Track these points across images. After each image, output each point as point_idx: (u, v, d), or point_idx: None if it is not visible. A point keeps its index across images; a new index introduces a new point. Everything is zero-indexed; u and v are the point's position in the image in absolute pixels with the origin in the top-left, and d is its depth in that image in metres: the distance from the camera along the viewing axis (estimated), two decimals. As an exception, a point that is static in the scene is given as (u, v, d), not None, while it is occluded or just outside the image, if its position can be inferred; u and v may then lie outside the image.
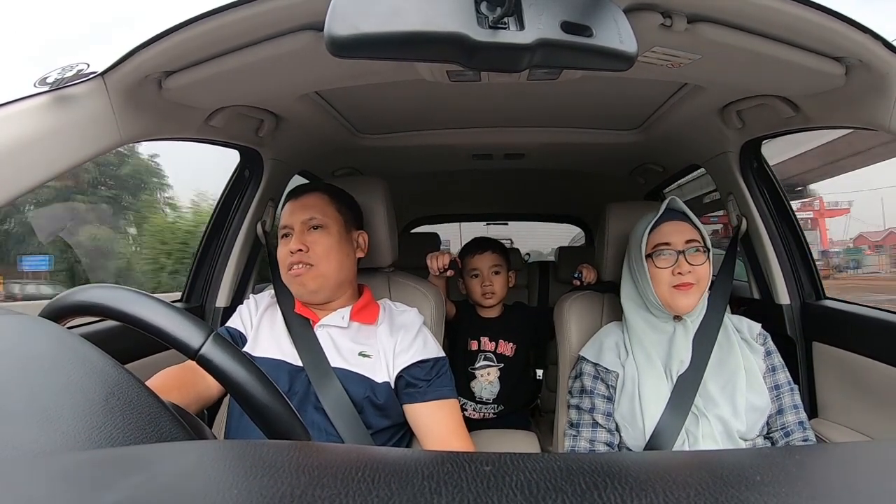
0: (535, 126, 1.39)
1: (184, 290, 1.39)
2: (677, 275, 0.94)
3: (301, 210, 0.99)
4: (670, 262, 0.95)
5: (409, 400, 0.92)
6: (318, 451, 0.27)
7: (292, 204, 1.02)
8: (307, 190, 1.04)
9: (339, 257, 0.98)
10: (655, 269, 0.96)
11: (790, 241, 1.30)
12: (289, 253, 0.96)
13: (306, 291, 0.97)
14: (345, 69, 0.84)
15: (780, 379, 0.96)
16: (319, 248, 0.96)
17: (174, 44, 0.71)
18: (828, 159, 13.00)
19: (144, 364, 1.04)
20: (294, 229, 0.98)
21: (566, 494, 0.20)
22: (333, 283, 0.98)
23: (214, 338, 0.40)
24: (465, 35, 0.42)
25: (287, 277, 0.98)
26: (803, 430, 0.94)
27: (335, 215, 1.01)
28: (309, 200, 1.00)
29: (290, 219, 1.00)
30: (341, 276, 0.99)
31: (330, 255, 0.97)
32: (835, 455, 0.28)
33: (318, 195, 1.02)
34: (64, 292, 0.43)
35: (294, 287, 0.98)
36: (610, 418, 0.98)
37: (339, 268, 0.99)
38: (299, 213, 0.99)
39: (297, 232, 0.97)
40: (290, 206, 1.02)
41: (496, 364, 1.53)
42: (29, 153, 0.68)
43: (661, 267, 0.95)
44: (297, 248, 0.95)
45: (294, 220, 0.99)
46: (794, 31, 0.71)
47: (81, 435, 0.27)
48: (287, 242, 0.98)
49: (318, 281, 0.96)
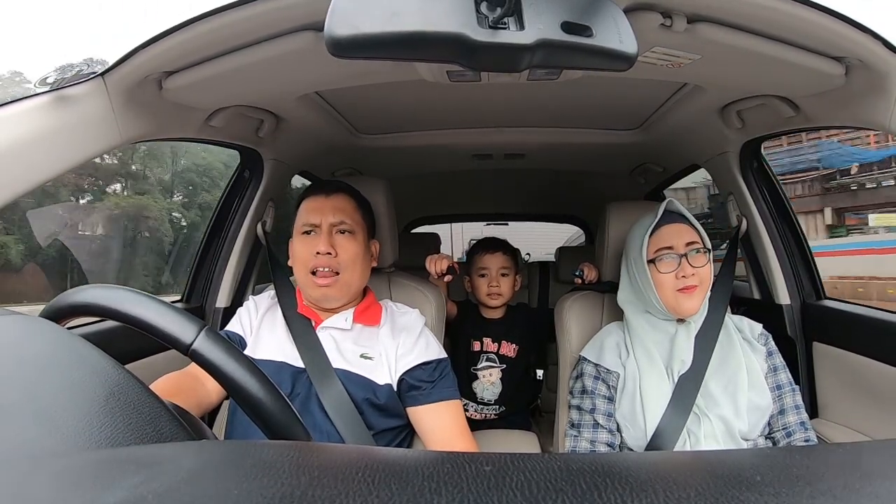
0: (535, 126, 1.39)
1: (184, 290, 1.39)
2: (681, 278, 0.93)
3: (332, 211, 0.94)
4: (673, 265, 0.94)
5: (413, 402, 0.91)
6: (318, 452, 0.27)
7: (320, 201, 0.95)
8: (336, 189, 0.98)
9: (362, 266, 0.96)
10: (658, 275, 0.95)
11: (790, 241, 1.30)
12: (313, 254, 0.91)
13: (325, 298, 0.94)
14: (345, 69, 0.84)
15: (782, 379, 0.96)
16: (346, 255, 0.93)
17: (174, 44, 0.71)
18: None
19: (144, 364, 1.04)
20: (322, 229, 0.93)
21: (566, 495, 0.20)
22: (354, 292, 0.97)
23: (207, 332, 0.40)
24: (465, 35, 0.42)
25: (306, 279, 0.93)
26: (805, 430, 0.94)
27: (361, 222, 0.98)
28: (339, 202, 0.95)
29: (317, 217, 0.93)
30: (361, 284, 0.98)
31: (356, 263, 0.94)
32: (835, 455, 0.28)
33: (346, 197, 0.97)
34: (63, 293, 0.43)
35: (313, 291, 0.94)
36: (611, 419, 0.98)
37: (361, 277, 0.97)
38: (329, 214, 0.94)
39: (324, 233, 0.92)
40: (318, 203, 0.95)
41: (498, 365, 1.53)
42: (29, 153, 0.68)
43: (663, 272, 0.95)
44: (326, 251, 0.91)
45: (323, 220, 0.93)
46: (794, 31, 0.71)
47: (81, 435, 0.27)
48: (309, 240, 0.93)
49: (342, 290, 0.94)
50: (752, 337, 1.00)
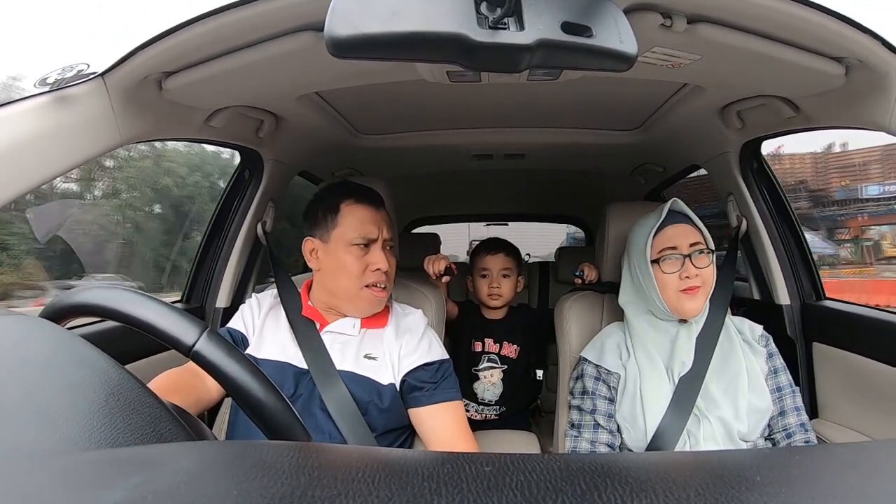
0: (535, 126, 1.39)
1: (184, 290, 1.39)
2: (684, 279, 0.93)
3: (387, 226, 0.98)
4: (677, 266, 0.94)
5: (415, 403, 0.91)
6: (319, 452, 0.27)
7: (372, 213, 0.96)
8: (381, 202, 1.01)
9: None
10: (662, 275, 0.95)
11: (790, 241, 1.30)
12: (374, 268, 0.94)
13: (373, 309, 0.97)
14: (345, 69, 0.84)
15: (782, 381, 0.96)
16: (392, 270, 0.98)
17: (174, 44, 0.71)
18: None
19: (144, 365, 1.04)
20: (377, 244, 0.96)
21: (566, 495, 0.20)
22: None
23: (208, 334, 0.40)
24: (464, 35, 0.42)
25: (361, 292, 0.94)
26: (805, 431, 0.94)
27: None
28: (386, 217, 1.00)
29: (375, 230, 0.95)
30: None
31: (393, 277, 0.99)
32: (835, 455, 0.28)
33: (386, 212, 1.01)
34: (63, 293, 0.43)
35: (368, 303, 0.96)
36: (611, 419, 0.98)
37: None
38: (386, 229, 0.97)
39: (381, 248, 0.96)
40: (371, 216, 0.96)
41: (500, 366, 1.53)
42: (29, 153, 0.69)
43: (667, 272, 0.95)
44: (386, 269, 0.95)
45: (381, 235, 0.96)
46: (793, 32, 0.71)
47: (81, 435, 0.27)
48: (366, 253, 0.95)
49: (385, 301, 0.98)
50: (753, 339, 1.00)
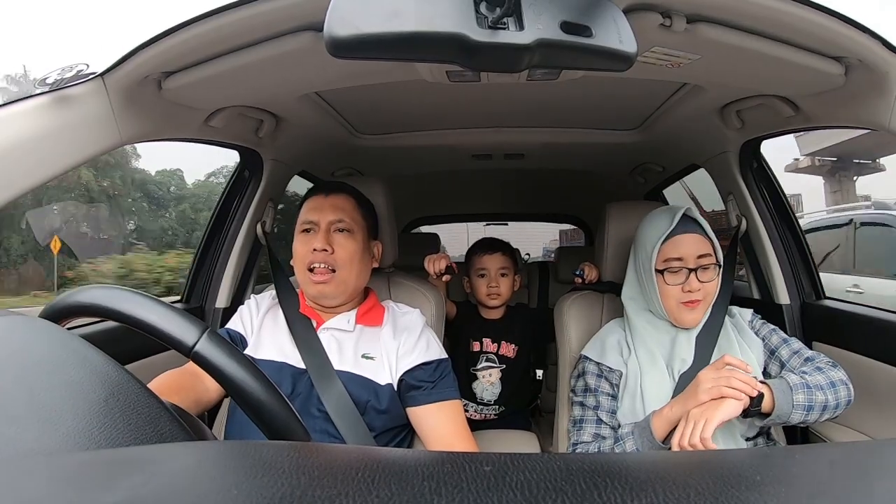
0: (534, 126, 1.39)
1: (183, 290, 1.39)
2: (686, 292, 0.93)
3: (331, 209, 0.96)
4: (681, 278, 0.94)
5: (413, 402, 0.91)
6: (318, 452, 0.27)
7: (320, 200, 0.98)
8: (336, 189, 1.01)
9: (360, 266, 0.97)
10: (665, 285, 0.95)
11: (790, 241, 1.30)
12: (311, 251, 0.94)
13: (322, 295, 0.95)
14: (344, 69, 0.84)
15: (783, 354, 0.96)
16: (344, 253, 0.95)
17: (174, 44, 0.71)
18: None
19: (144, 365, 1.04)
20: (320, 227, 0.95)
21: (566, 495, 0.20)
22: (351, 291, 0.98)
23: (209, 334, 0.40)
24: (464, 35, 0.42)
25: (304, 276, 0.95)
26: (806, 360, 0.92)
27: (361, 222, 0.99)
28: (338, 201, 0.98)
29: (316, 215, 0.96)
30: (359, 284, 0.99)
31: (353, 262, 0.96)
32: (835, 455, 0.28)
33: (347, 197, 1.00)
34: (64, 293, 0.43)
35: (310, 288, 0.96)
36: (613, 416, 0.98)
37: (358, 276, 0.98)
38: (328, 213, 0.96)
39: (322, 230, 0.95)
40: (317, 202, 0.98)
41: (498, 365, 1.53)
42: (29, 153, 0.68)
43: (670, 283, 0.95)
44: (322, 248, 0.93)
45: (321, 218, 0.96)
46: (793, 31, 0.71)
47: (82, 435, 0.27)
48: (308, 239, 0.95)
49: (338, 288, 0.95)
50: (745, 322, 1.01)
